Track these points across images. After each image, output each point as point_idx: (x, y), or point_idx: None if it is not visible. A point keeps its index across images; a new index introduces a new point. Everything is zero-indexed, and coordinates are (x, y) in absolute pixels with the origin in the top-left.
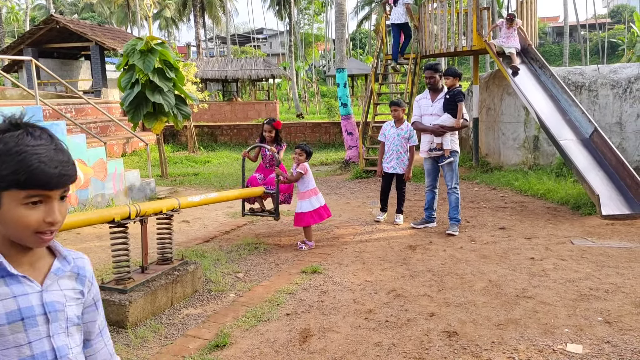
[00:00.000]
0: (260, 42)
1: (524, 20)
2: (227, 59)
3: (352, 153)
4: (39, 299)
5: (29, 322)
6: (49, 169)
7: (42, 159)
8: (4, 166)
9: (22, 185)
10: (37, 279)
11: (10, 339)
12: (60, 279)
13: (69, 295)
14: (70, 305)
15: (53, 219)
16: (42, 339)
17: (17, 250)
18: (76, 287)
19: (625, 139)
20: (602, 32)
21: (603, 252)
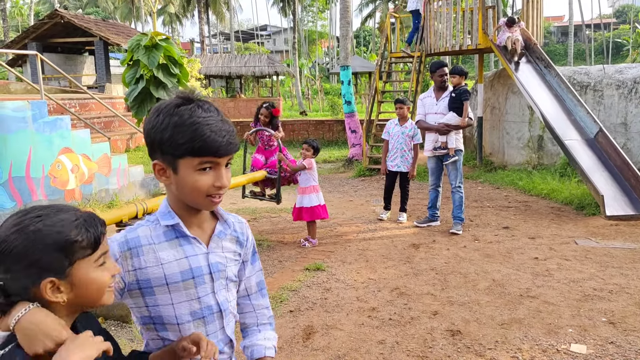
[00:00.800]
0: (263, 38)
1: (530, 19)
2: (231, 55)
3: (355, 151)
4: (205, 260)
5: (198, 280)
6: (219, 138)
7: (213, 129)
8: (180, 136)
9: (196, 152)
10: (203, 241)
11: (183, 293)
12: (222, 241)
13: (229, 257)
14: (230, 265)
15: (221, 183)
16: (209, 294)
17: (190, 213)
18: (236, 249)
19: (630, 140)
20: (607, 32)
21: (607, 253)
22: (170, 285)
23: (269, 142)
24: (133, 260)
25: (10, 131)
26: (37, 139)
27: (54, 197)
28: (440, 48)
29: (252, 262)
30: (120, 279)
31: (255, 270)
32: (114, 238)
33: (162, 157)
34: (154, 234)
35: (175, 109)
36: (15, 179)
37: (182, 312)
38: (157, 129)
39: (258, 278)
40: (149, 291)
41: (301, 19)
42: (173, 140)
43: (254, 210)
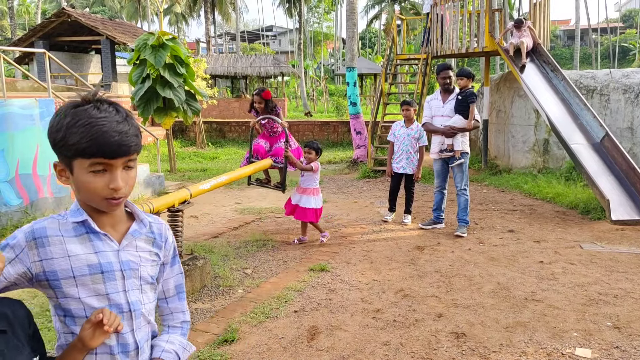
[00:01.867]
0: (269, 39)
1: (537, 22)
2: (237, 55)
3: (360, 152)
4: (116, 257)
5: (107, 276)
6: (109, 139)
7: (104, 129)
8: (72, 137)
9: (86, 153)
10: (117, 239)
11: (91, 288)
12: (136, 240)
13: (144, 256)
14: (145, 265)
15: (115, 185)
16: (119, 292)
17: (99, 212)
18: (152, 249)
19: (637, 144)
20: (614, 37)
21: (612, 257)
22: (78, 278)
23: (272, 128)
24: (39, 250)
25: (18, 129)
26: (45, 137)
27: (60, 195)
28: (447, 50)
29: (172, 265)
30: (26, 269)
31: (174, 274)
32: (22, 228)
33: (59, 158)
34: (62, 228)
35: (71, 109)
36: (22, 176)
37: (89, 307)
38: (53, 130)
39: (177, 281)
40: (56, 283)
41: (307, 20)
42: (65, 141)
43: (259, 211)
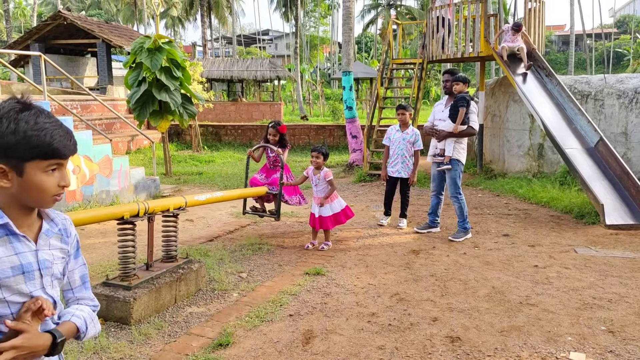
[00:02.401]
0: (265, 43)
1: (532, 27)
2: (233, 59)
3: (356, 156)
4: (34, 257)
5: (28, 276)
6: (67, 141)
7: (61, 134)
8: (30, 141)
9: (48, 155)
10: (33, 239)
11: (15, 289)
12: (50, 239)
13: (56, 254)
14: (57, 263)
15: (66, 182)
16: (38, 290)
17: (20, 214)
18: (62, 246)
19: (631, 149)
20: (608, 42)
21: (607, 262)
22: (2, 280)
23: (274, 162)
24: None
25: None
26: None
27: None
28: (443, 55)
29: (76, 257)
30: None
31: (78, 265)
32: None
33: (5, 160)
34: None
35: (19, 114)
36: None
37: (14, 305)
38: (6, 133)
39: (81, 272)
40: None
41: (303, 24)
42: (22, 144)
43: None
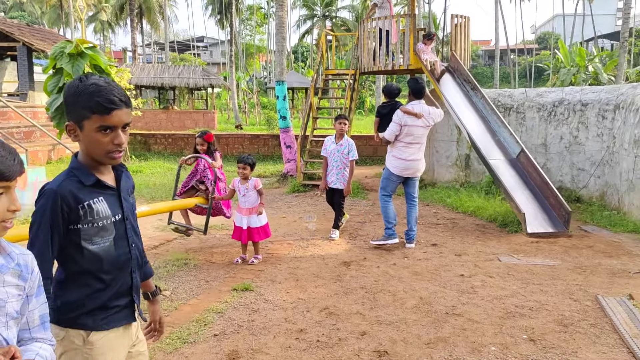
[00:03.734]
0: (200, 50)
1: (459, 42)
2: (164, 66)
3: (290, 166)
4: None
5: None
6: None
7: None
8: None
9: None
10: None
11: None
12: (4, 276)
13: (10, 292)
14: (12, 301)
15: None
16: None
17: None
18: (19, 283)
19: (550, 160)
20: (530, 57)
21: (528, 270)
22: None
23: (202, 173)
24: None
25: None
26: None
27: None
28: (374, 67)
29: (37, 296)
30: None
31: (39, 304)
32: None
33: None
34: None
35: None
36: None
37: None
38: None
39: (42, 311)
40: None
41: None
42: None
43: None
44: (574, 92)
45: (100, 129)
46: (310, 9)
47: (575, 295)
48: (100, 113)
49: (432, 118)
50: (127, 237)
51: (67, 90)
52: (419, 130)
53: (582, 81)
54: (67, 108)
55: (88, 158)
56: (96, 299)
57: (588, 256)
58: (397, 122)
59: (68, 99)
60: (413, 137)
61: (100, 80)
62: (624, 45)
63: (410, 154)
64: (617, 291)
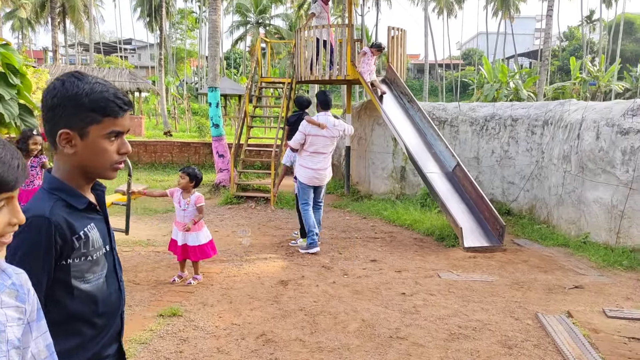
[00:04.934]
0: (128, 52)
1: (395, 55)
2: (88, 68)
3: (223, 176)
4: None
5: None
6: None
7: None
8: None
9: None
10: None
11: None
12: (0, 295)
13: (10, 314)
14: (12, 325)
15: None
16: None
17: None
18: (18, 304)
19: (482, 173)
20: (456, 72)
21: (468, 286)
22: None
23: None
24: None
25: None
26: None
27: None
28: (310, 76)
29: (38, 321)
30: None
31: (42, 331)
32: None
33: None
34: None
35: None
36: None
37: None
38: None
39: (47, 340)
40: None
41: (169, 36)
42: None
43: None
44: (505, 108)
45: (109, 135)
46: (243, 15)
47: (516, 313)
48: (115, 115)
49: (338, 130)
50: (116, 271)
51: (61, 91)
52: (322, 141)
53: (504, 96)
54: (60, 112)
55: (78, 175)
56: (87, 350)
57: (524, 271)
58: (302, 131)
59: (65, 101)
60: (316, 147)
61: (99, 79)
62: (544, 64)
63: (315, 163)
64: (555, 308)
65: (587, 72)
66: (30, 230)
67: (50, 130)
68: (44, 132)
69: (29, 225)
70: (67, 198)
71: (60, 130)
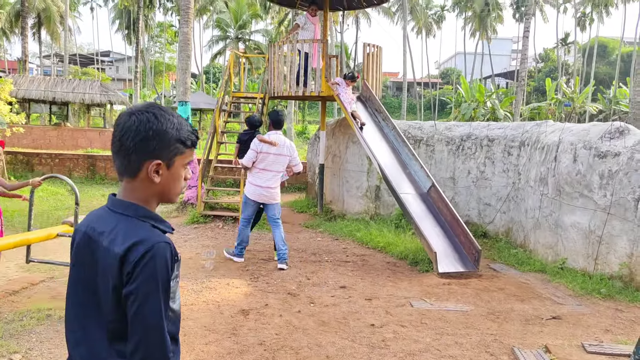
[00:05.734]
0: (105, 65)
1: (370, 71)
2: (57, 79)
3: (191, 193)
4: None
5: None
6: None
7: None
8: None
9: None
10: None
11: None
12: None
13: None
14: None
15: None
16: None
17: None
18: None
19: (458, 194)
20: (434, 91)
21: (441, 317)
22: None
23: None
24: None
25: None
26: None
27: None
28: (284, 92)
29: None
30: None
31: None
32: None
33: None
34: None
35: None
36: None
37: None
38: None
39: None
40: None
41: (148, 49)
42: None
43: (54, 268)
44: (481, 127)
45: (186, 165)
46: (223, 30)
47: (491, 347)
48: (193, 146)
49: (288, 149)
50: None
51: (156, 124)
52: (273, 158)
53: (481, 115)
54: (154, 144)
55: (154, 201)
56: None
57: (500, 300)
58: (254, 149)
59: (160, 134)
60: (266, 164)
61: (175, 112)
62: (521, 84)
63: (264, 180)
64: (533, 341)
65: (562, 93)
66: (160, 257)
67: (136, 159)
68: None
69: (157, 252)
70: (156, 224)
71: (154, 161)
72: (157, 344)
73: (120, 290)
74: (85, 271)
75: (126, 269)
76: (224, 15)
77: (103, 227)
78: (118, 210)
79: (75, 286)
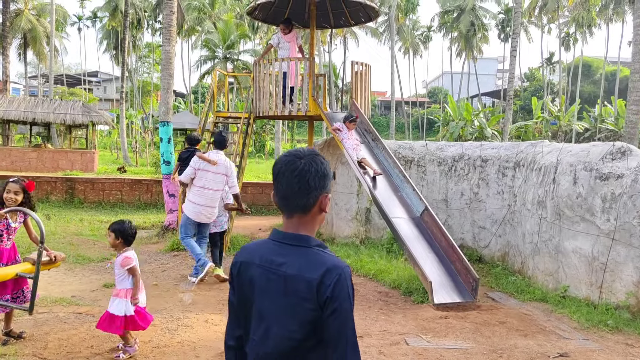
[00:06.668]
0: (93, 85)
1: (359, 90)
2: (38, 99)
3: (172, 218)
4: None
5: None
6: None
7: None
8: None
9: None
10: None
11: None
12: None
13: None
14: None
15: None
16: None
17: None
18: None
19: (451, 216)
20: (422, 110)
21: (439, 357)
22: None
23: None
24: None
25: None
26: None
27: None
28: (270, 111)
29: None
30: None
31: None
32: None
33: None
34: None
35: None
36: None
37: None
38: None
39: None
40: None
41: (136, 69)
42: None
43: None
44: (474, 147)
45: None
46: (211, 50)
47: None
48: None
49: (226, 168)
50: None
51: (325, 164)
52: (212, 177)
53: (469, 134)
54: (328, 181)
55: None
56: None
57: (502, 335)
58: (193, 166)
59: (329, 172)
60: (205, 182)
61: None
62: (509, 103)
63: (204, 199)
64: None
65: (549, 112)
66: (349, 278)
67: (316, 195)
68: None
69: (347, 275)
70: (325, 251)
71: (328, 194)
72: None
73: (313, 311)
74: (263, 297)
75: (324, 293)
76: (212, 36)
77: (281, 258)
78: (292, 242)
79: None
